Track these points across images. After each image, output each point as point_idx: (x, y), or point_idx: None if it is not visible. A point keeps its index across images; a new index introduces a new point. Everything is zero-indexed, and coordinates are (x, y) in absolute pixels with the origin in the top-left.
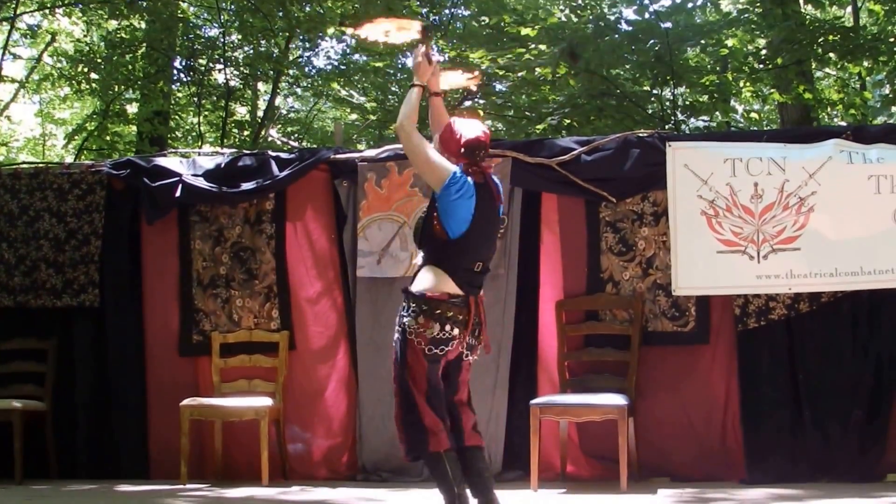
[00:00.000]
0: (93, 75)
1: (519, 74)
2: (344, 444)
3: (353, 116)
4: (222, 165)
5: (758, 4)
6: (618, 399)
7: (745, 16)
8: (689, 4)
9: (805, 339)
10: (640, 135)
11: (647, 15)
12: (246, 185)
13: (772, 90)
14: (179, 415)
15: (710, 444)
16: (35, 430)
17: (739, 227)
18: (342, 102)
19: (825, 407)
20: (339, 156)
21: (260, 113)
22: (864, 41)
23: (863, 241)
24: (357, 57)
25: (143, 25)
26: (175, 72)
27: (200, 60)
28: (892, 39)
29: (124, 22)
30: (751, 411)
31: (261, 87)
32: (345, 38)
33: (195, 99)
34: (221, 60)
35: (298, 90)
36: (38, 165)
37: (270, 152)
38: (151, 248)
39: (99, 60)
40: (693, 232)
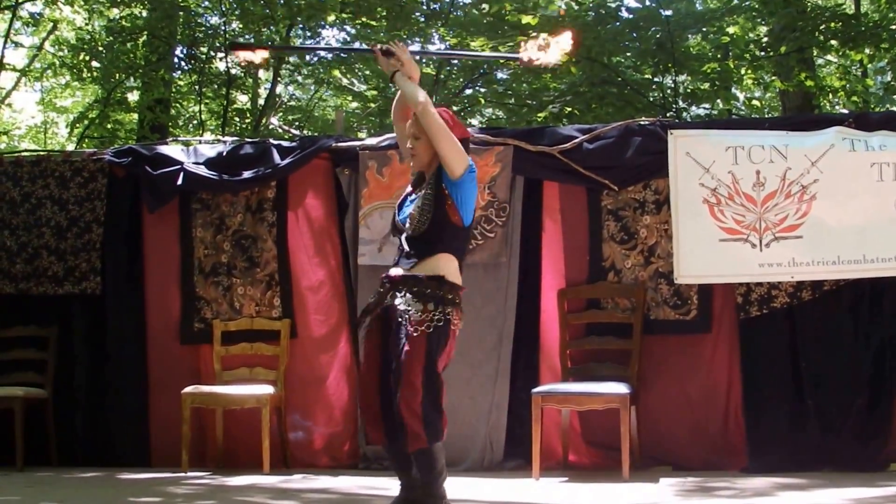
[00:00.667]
0: (94, 63)
1: None
2: (345, 432)
3: (354, 105)
4: (224, 154)
5: None
6: (620, 387)
7: (747, 3)
8: None
9: (807, 327)
10: (642, 123)
11: (647, 2)
12: (247, 174)
13: (773, 78)
14: (180, 402)
15: (713, 433)
16: (36, 417)
17: (741, 215)
18: (343, 91)
19: (827, 395)
20: (340, 144)
21: (261, 101)
22: (866, 28)
23: (865, 229)
24: (358, 45)
25: (144, 13)
26: (176, 60)
27: (202, 48)
28: (893, 27)
29: (126, 10)
30: (753, 400)
31: (262, 75)
32: (345, 26)
33: (196, 87)
34: (223, 48)
35: (299, 78)
36: (39, 153)
37: (272, 140)
38: (153, 235)
39: (100, 48)
40: (695, 220)
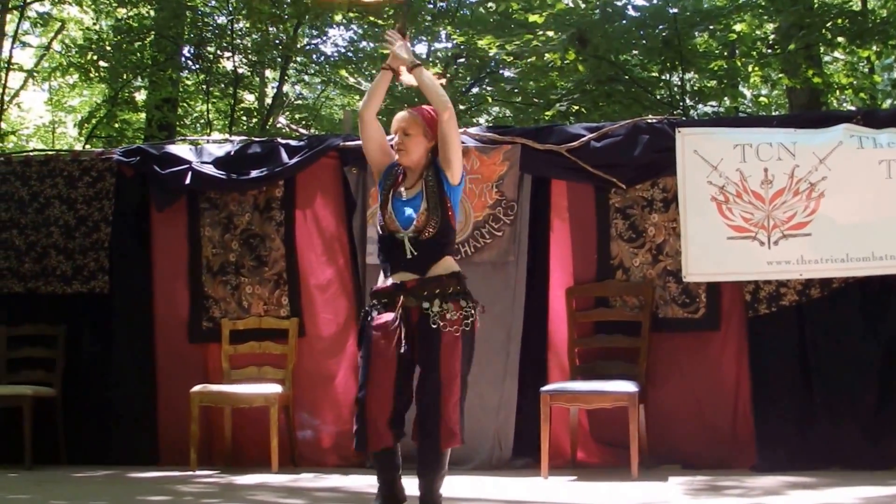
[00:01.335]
0: (102, 63)
1: (528, 61)
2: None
3: (362, 104)
4: (232, 153)
5: None
6: (628, 386)
7: (754, 0)
8: None
9: (816, 325)
10: (650, 121)
11: (655, 0)
12: (255, 173)
13: (780, 75)
14: (189, 401)
15: (721, 431)
16: (45, 415)
17: (750, 212)
18: (350, 90)
19: (836, 393)
20: (348, 143)
21: (268, 100)
22: (873, 25)
23: (874, 227)
24: (365, 44)
25: (151, 13)
26: (183, 59)
27: (209, 48)
28: None
29: (133, 10)
30: (762, 398)
31: (269, 74)
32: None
33: (203, 86)
34: (230, 48)
35: (306, 77)
36: (48, 153)
37: (280, 139)
38: (161, 234)
39: (108, 48)
40: (703, 218)
